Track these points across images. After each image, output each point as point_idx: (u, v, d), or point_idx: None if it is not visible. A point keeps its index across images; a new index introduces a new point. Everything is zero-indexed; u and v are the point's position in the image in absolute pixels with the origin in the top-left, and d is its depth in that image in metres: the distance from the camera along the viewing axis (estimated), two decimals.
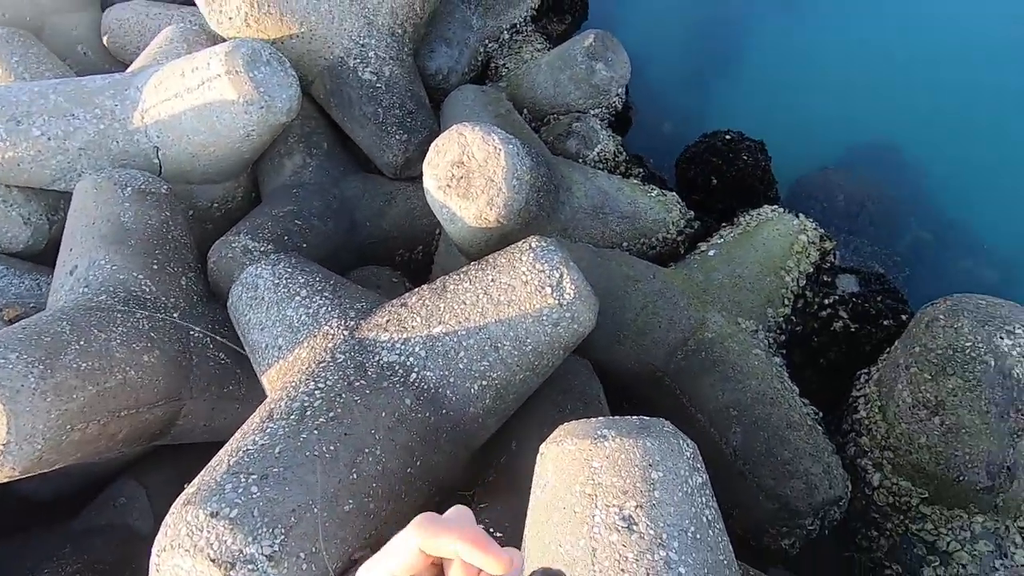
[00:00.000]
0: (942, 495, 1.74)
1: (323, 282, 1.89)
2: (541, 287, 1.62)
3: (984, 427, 1.64)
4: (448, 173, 1.91)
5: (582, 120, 2.91)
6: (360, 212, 2.64)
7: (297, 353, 1.69)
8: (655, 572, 0.98)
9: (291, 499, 1.24)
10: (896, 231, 3.09)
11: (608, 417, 1.21)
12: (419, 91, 2.76)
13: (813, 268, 2.35)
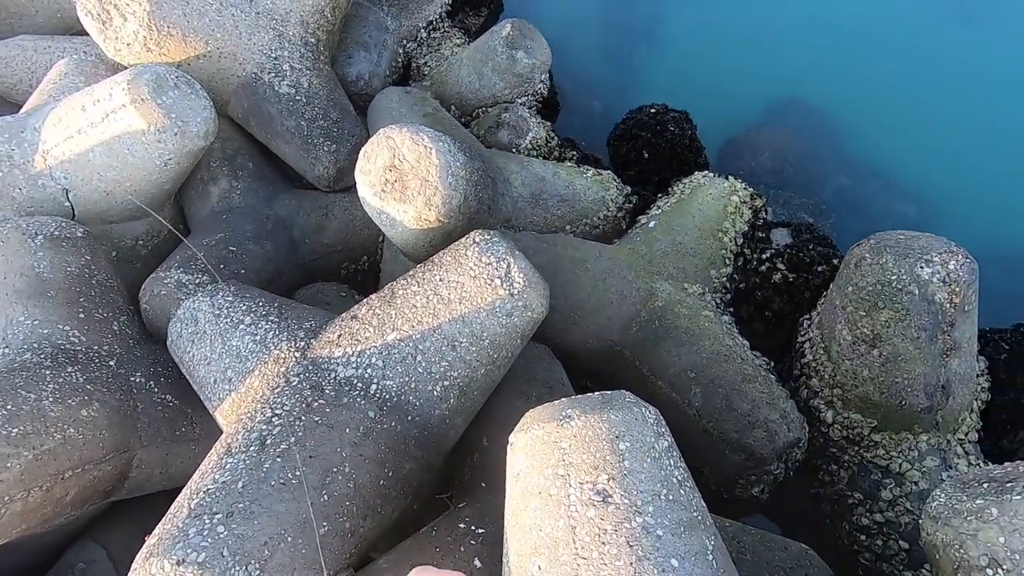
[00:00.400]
0: (889, 421, 1.85)
1: (267, 306, 1.83)
2: (490, 280, 1.62)
3: (917, 352, 1.75)
4: (382, 178, 1.87)
5: (510, 110, 2.91)
6: (298, 230, 2.56)
7: (249, 383, 1.63)
8: (634, 538, 1.00)
9: (262, 532, 1.20)
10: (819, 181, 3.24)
11: (570, 397, 1.22)
12: (342, 99, 2.70)
13: (748, 226, 2.44)
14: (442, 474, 1.81)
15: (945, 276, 1.71)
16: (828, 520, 1.97)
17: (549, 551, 1.04)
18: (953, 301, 1.72)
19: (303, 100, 2.56)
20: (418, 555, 1.41)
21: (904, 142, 3.27)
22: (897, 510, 1.79)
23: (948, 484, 1.24)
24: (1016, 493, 1.09)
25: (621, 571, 0.99)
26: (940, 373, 1.76)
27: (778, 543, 1.60)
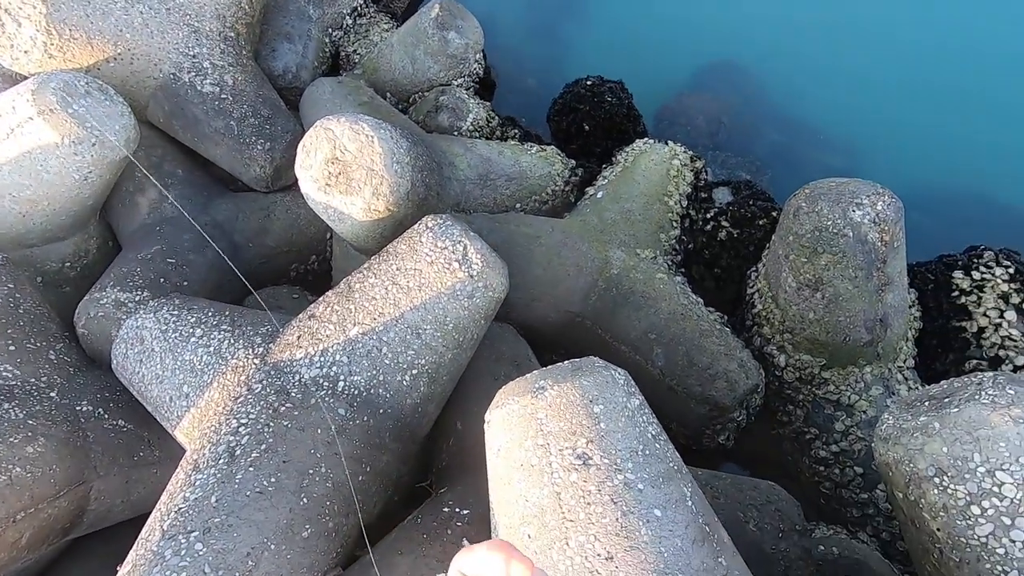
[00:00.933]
0: (836, 358, 1.97)
1: (217, 316, 1.76)
2: (448, 264, 1.61)
3: (856, 291, 1.87)
4: (324, 172, 1.82)
5: (448, 93, 2.87)
6: (239, 235, 2.46)
7: (208, 396, 1.57)
8: (618, 495, 1.03)
9: (243, 543, 1.17)
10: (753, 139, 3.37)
11: (541, 369, 1.24)
12: (270, 94, 2.59)
13: (691, 188, 2.52)
14: (420, 463, 1.80)
15: (875, 216, 1.82)
16: (789, 457, 2.09)
17: (537, 519, 1.07)
18: (884, 239, 1.83)
19: (229, 98, 2.44)
20: (405, 544, 1.41)
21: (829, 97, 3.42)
22: (850, 439, 1.92)
23: (894, 407, 1.33)
24: (954, 406, 1.18)
25: (608, 528, 1.02)
26: (878, 308, 1.88)
27: (747, 484, 1.69)
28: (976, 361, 2.00)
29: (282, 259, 2.55)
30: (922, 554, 1.23)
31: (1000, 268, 2.11)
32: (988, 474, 1.09)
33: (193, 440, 1.49)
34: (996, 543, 1.09)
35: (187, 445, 1.55)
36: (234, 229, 2.47)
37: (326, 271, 2.62)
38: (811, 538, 1.67)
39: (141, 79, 2.37)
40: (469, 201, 2.42)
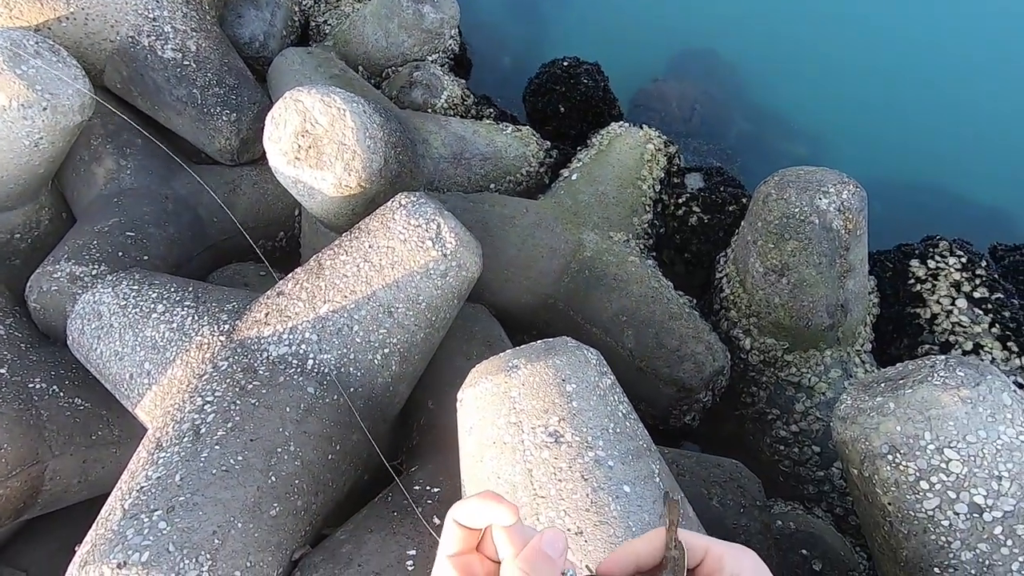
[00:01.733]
0: (798, 342, 2.03)
1: (180, 291, 1.70)
2: (421, 242, 1.59)
3: (819, 277, 1.92)
4: (294, 145, 1.77)
5: (422, 68, 2.81)
6: (203, 209, 2.38)
7: (171, 373, 1.53)
8: (588, 471, 1.05)
9: (209, 522, 1.14)
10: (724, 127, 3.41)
11: (514, 348, 1.24)
12: (237, 63, 2.49)
13: (664, 173, 2.54)
14: (390, 442, 1.80)
15: (840, 205, 1.87)
16: (751, 437, 2.16)
17: (509, 496, 1.08)
18: (847, 227, 1.89)
19: (192, 66, 2.34)
20: (375, 522, 1.41)
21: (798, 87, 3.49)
22: (809, 419, 1.99)
23: (852, 389, 1.38)
24: (908, 388, 1.24)
25: (578, 503, 1.04)
26: (839, 294, 1.94)
27: (712, 462, 1.74)
28: (928, 346, 2.09)
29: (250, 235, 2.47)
30: (873, 527, 1.30)
31: (953, 258, 2.21)
32: (937, 451, 1.15)
33: (155, 418, 1.45)
34: (942, 516, 1.15)
35: (149, 424, 1.51)
36: (198, 203, 2.39)
37: (295, 248, 2.56)
38: (770, 513, 1.73)
39: (96, 41, 2.24)
40: (443, 180, 2.39)
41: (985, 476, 1.11)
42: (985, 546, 1.10)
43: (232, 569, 1.11)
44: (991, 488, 1.11)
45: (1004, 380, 1.20)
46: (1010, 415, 1.15)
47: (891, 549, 1.24)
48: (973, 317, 2.08)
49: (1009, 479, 1.10)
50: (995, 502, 1.10)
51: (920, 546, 1.16)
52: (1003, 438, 1.13)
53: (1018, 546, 1.08)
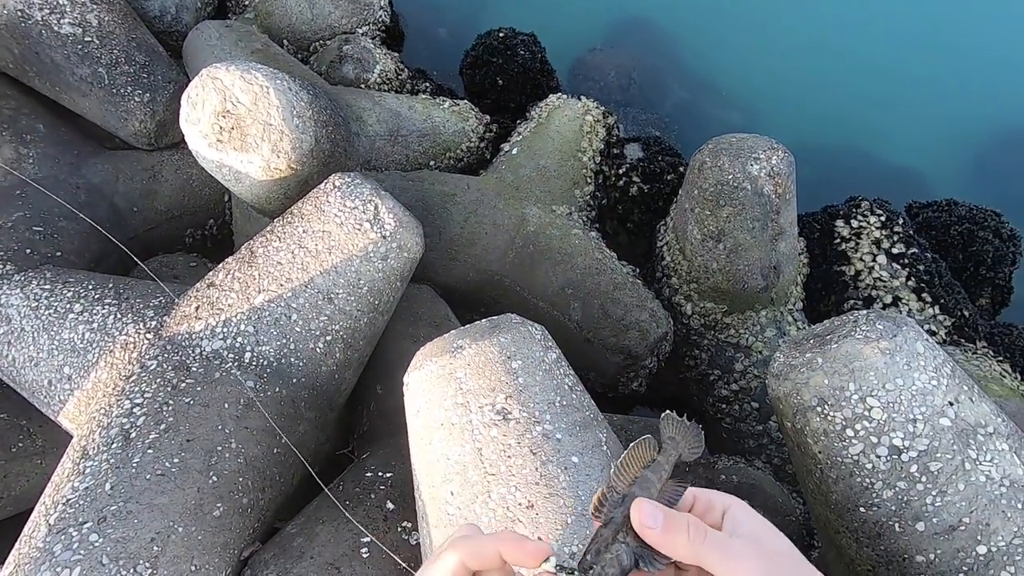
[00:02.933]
0: (735, 304, 2.11)
1: (100, 288, 1.59)
2: (359, 224, 1.54)
3: (753, 240, 2.00)
4: (215, 127, 1.66)
5: (352, 42, 2.69)
6: (120, 198, 2.22)
7: (95, 377, 1.43)
8: (537, 446, 1.06)
9: (146, 529, 1.09)
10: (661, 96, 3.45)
11: (458, 328, 1.23)
12: (146, 38, 2.30)
13: (603, 144, 2.55)
14: (340, 431, 1.77)
15: (770, 170, 1.93)
16: (695, 398, 2.25)
17: (459, 476, 1.08)
18: (777, 191, 1.96)
19: (95, 41, 2.15)
20: (327, 512, 1.39)
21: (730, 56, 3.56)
22: (748, 377, 2.09)
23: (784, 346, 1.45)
24: (834, 342, 1.31)
25: (528, 478, 1.05)
26: (772, 256, 2.03)
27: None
28: (853, 301, 2.22)
29: (174, 224, 2.34)
30: (806, 474, 1.38)
31: (874, 216, 2.34)
32: (860, 400, 1.23)
33: (80, 426, 1.36)
34: (865, 459, 1.23)
35: (74, 431, 1.41)
36: (115, 192, 2.23)
37: (227, 236, 2.44)
38: (714, 469, 1.82)
39: None
40: (380, 159, 2.32)
41: (903, 420, 1.20)
42: (903, 484, 1.18)
43: (175, 575, 1.07)
44: (908, 431, 1.19)
45: (918, 330, 1.28)
46: (923, 362, 1.23)
47: (822, 493, 1.32)
48: (892, 272, 2.22)
49: (923, 421, 1.19)
50: (911, 443, 1.19)
51: (847, 488, 1.25)
52: (917, 384, 1.21)
53: (931, 481, 1.17)
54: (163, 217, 2.30)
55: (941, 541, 1.17)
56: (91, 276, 1.65)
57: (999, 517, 1.14)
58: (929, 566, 1.18)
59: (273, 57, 2.42)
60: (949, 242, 2.40)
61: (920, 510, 1.17)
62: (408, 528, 1.32)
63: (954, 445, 1.17)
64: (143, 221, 2.26)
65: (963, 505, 1.15)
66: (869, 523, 1.23)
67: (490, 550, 0.45)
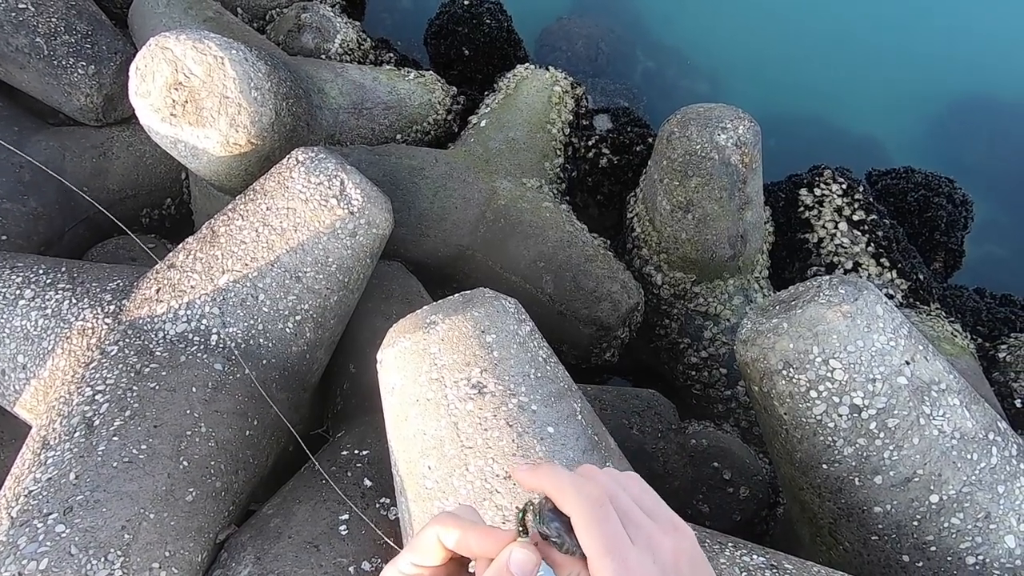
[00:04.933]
0: (704, 274, 2.15)
1: (51, 272, 1.52)
2: (324, 200, 1.50)
3: (721, 210, 2.02)
4: (167, 100, 1.58)
5: (310, 10, 2.58)
6: (69, 177, 2.11)
7: (52, 364, 1.38)
8: (513, 418, 1.07)
9: (115, 518, 1.07)
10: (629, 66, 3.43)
11: (431, 304, 1.22)
12: (87, 5, 2.17)
13: (572, 115, 2.53)
14: (313, 411, 1.75)
15: (737, 140, 1.95)
16: (666, 366, 2.30)
17: (436, 450, 1.08)
18: (744, 161, 1.98)
19: (30, 9, 2.01)
20: (303, 492, 1.38)
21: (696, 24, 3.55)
22: (716, 344, 2.14)
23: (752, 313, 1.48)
24: (798, 308, 1.34)
25: (505, 449, 1.06)
26: (739, 225, 2.06)
27: (631, 394, 1.84)
28: (816, 268, 2.28)
29: (129, 204, 2.24)
30: (772, 435, 1.43)
31: (836, 185, 2.39)
32: (824, 363, 1.27)
33: (39, 415, 1.31)
34: (828, 419, 1.28)
35: (32, 421, 1.36)
36: (62, 171, 2.11)
37: (185, 216, 2.35)
38: (685, 434, 1.87)
39: None
40: (344, 132, 2.25)
41: (862, 380, 1.25)
42: (863, 440, 1.24)
43: (149, 562, 1.05)
44: (867, 390, 1.25)
45: (877, 294, 1.33)
46: (882, 324, 1.28)
47: (787, 452, 1.38)
48: (852, 238, 2.28)
49: (881, 380, 1.24)
50: (870, 401, 1.24)
51: (811, 447, 1.30)
52: (876, 345, 1.26)
53: (888, 437, 1.23)
54: (116, 197, 2.20)
55: (897, 492, 1.23)
56: (41, 260, 1.57)
57: (950, 468, 1.21)
58: (886, 516, 1.25)
59: (227, 26, 2.31)
60: (906, 208, 2.48)
61: (878, 464, 1.23)
62: (387, 504, 1.33)
63: (910, 402, 1.23)
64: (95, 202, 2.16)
65: (917, 458, 1.21)
66: (831, 478, 1.29)
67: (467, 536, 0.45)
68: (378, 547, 1.26)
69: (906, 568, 1.25)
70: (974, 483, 1.21)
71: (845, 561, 1.34)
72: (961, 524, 1.20)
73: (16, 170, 2.02)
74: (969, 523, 1.20)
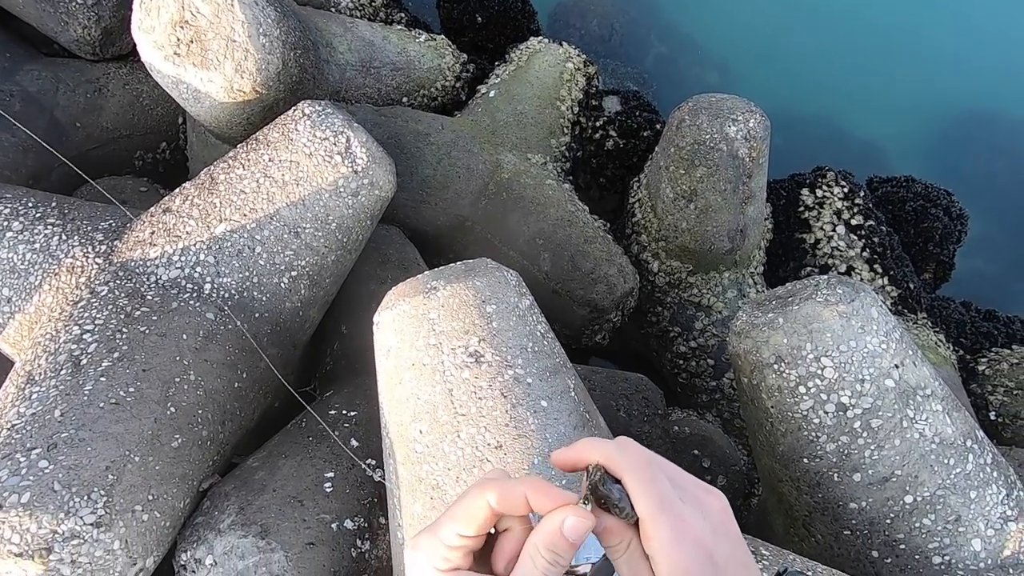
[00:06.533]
0: (701, 265, 2.16)
1: (41, 206, 1.47)
2: (329, 156, 1.46)
3: (724, 203, 2.02)
4: (172, 38, 1.53)
5: None
6: (61, 111, 2.04)
7: (38, 300, 1.35)
8: (508, 389, 1.07)
9: (100, 458, 1.06)
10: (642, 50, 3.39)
11: (432, 270, 1.21)
12: None
13: (583, 94, 2.50)
14: (302, 369, 1.74)
15: (747, 133, 1.94)
16: (654, 352, 2.32)
17: (429, 415, 1.08)
18: (752, 155, 1.98)
19: None
20: (289, 448, 1.38)
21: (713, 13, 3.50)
22: (706, 335, 2.16)
23: (748, 306, 1.49)
24: (795, 304, 1.36)
25: (498, 419, 1.07)
26: (740, 219, 2.06)
27: (619, 376, 1.85)
28: (810, 268, 2.30)
29: (122, 144, 2.17)
30: (756, 427, 1.46)
31: (838, 187, 2.40)
32: (815, 360, 1.29)
33: (23, 350, 1.29)
34: (814, 415, 1.31)
35: (15, 356, 1.34)
36: (54, 104, 2.04)
37: (180, 162, 2.30)
38: (669, 420, 1.90)
39: None
40: (350, 90, 2.20)
41: (851, 380, 1.27)
42: (846, 438, 1.27)
43: (132, 504, 1.04)
44: (855, 389, 1.27)
45: (874, 296, 1.34)
46: (875, 327, 1.29)
47: (770, 445, 1.40)
48: (848, 242, 2.30)
49: (870, 381, 1.26)
50: (857, 401, 1.27)
51: (794, 441, 1.33)
52: (868, 346, 1.28)
53: (871, 436, 1.26)
54: (109, 136, 2.13)
55: (874, 490, 1.26)
56: (31, 193, 1.52)
57: (927, 471, 1.24)
58: (860, 512, 1.28)
59: None
60: (903, 217, 2.50)
61: (858, 462, 1.26)
62: (372, 465, 1.33)
63: (895, 404, 1.25)
64: (86, 139, 2.10)
65: (897, 459, 1.24)
66: (811, 473, 1.32)
67: (517, 493, 0.44)
68: (362, 506, 1.27)
69: (875, 563, 1.29)
70: (948, 487, 1.24)
71: (816, 553, 1.38)
72: (932, 525, 1.24)
73: (7, 99, 1.95)
74: (939, 524, 1.24)
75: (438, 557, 0.44)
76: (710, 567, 0.41)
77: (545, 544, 0.42)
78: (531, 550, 0.43)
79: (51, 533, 0.97)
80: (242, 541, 1.14)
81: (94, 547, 1.00)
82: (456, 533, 0.44)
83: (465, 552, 0.44)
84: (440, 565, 0.44)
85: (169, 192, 1.53)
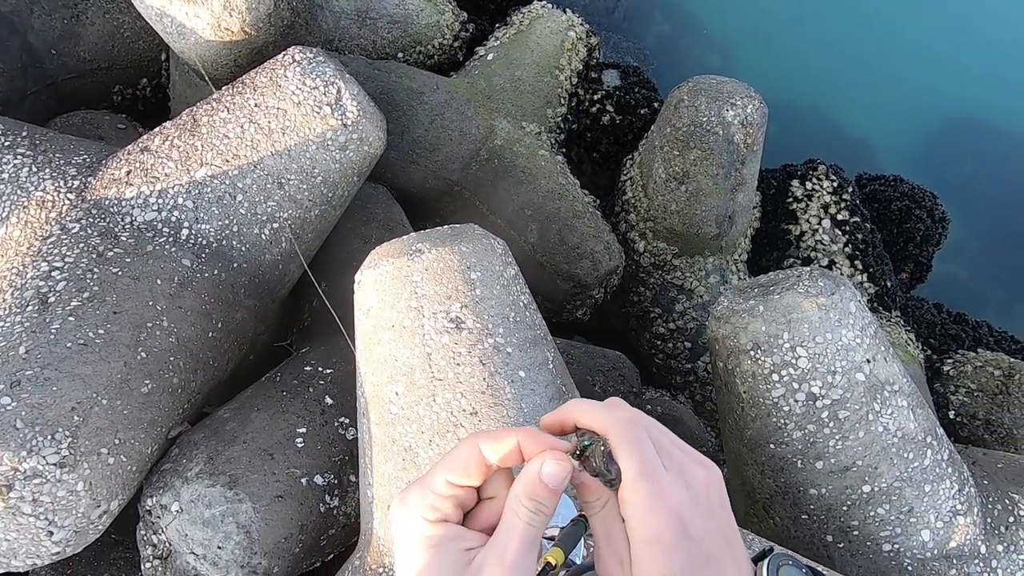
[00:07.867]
0: (687, 248, 2.17)
1: (11, 135, 1.40)
2: (318, 107, 1.41)
3: (715, 187, 2.02)
4: None
5: None
6: (35, 36, 1.93)
7: (5, 232, 1.29)
8: (487, 357, 1.07)
9: (66, 398, 1.03)
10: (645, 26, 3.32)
11: (418, 232, 1.19)
12: None
13: (583, 65, 2.45)
14: (279, 323, 1.71)
15: (744, 119, 1.93)
16: (633, 332, 2.33)
17: (406, 377, 1.07)
18: (747, 142, 1.97)
19: None
20: (262, 401, 1.36)
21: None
22: (685, 319, 2.19)
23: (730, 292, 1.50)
24: (776, 293, 1.37)
25: (475, 386, 1.07)
26: (729, 205, 2.07)
27: (598, 353, 1.87)
28: (793, 260, 2.33)
29: (100, 77, 2.07)
30: (727, 411, 1.48)
31: (827, 181, 2.41)
32: (791, 349, 1.31)
33: None
34: (784, 402, 1.33)
35: None
36: (28, 27, 1.93)
37: (162, 101, 2.20)
38: (642, 399, 1.93)
39: None
40: (344, 40, 2.12)
41: (824, 371, 1.29)
42: (813, 427, 1.30)
43: (97, 446, 1.02)
44: (826, 381, 1.29)
45: (853, 291, 1.36)
46: (852, 321, 1.32)
47: (739, 429, 1.43)
48: (833, 236, 2.33)
49: (841, 374, 1.29)
50: (827, 392, 1.29)
51: (763, 427, 1.35)
52: (843, 340, 1.30)
53: (837, 427, 1.29)
54: (86, 67, 2.03)
55: (834, 479, 1.30)
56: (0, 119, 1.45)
57: (887, 463, 1.28)
58: (819, 499, 1.32)
59: None
60: (888, 216, 2.53)
61: (823, 450, 1.29)
62: (345, 424, 1.33)
63: (863, 397, 1.28)
64: (62, 67, 1.99)
65: (859, 450, 1.28)
66: (776, 458, 1.35)
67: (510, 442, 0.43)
68: (332, 463, 1.27)
69: (828, 547, 1.34)
70: (905, 479, 1.29)
71: (774, 535, 1.43)
72: (886, 514, 1.29)
73: None
74: (893, 514, 1.29)
75: (426, 506, 0.43)
76: (682, 538, 0.40)
77: (526, 492, 0.42)
78: (513, 503, 0.42)
79: (12, 471, 0.95)
80: (209, 490, 1.13)
81: (56, 487, 0.98)
82: (447, 481, 0.43)
83: (455, 503, 0.44)
84: (428, 515, 0.43)
85: (148, 131, 1.47)
